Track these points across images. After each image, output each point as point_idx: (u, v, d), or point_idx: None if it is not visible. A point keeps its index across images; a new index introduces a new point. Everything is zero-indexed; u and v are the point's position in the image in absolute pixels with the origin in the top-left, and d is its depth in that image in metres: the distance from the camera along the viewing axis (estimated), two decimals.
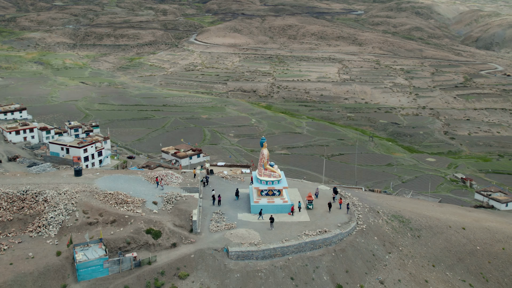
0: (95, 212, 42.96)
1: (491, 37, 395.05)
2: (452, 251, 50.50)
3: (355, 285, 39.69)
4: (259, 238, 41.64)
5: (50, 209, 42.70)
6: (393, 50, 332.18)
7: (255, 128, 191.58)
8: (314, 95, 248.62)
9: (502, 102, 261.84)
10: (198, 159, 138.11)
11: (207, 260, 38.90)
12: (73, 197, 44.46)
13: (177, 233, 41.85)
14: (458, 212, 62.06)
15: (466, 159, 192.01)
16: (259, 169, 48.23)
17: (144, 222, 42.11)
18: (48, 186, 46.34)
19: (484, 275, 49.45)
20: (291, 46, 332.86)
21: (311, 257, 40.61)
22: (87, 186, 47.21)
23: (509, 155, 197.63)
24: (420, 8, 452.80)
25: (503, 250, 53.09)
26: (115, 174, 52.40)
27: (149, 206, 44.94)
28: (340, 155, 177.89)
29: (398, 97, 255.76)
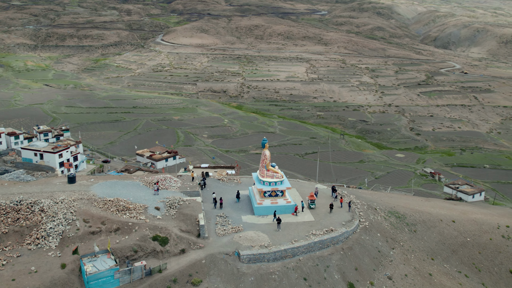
0: (96, 220, 41.14)
1: (447, 37, 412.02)
2: (446, 243, 52.17)
3: (365, 282, 40.12)
4: (269, 240, 41.22)
5: (48, 220, 40.52)
6: (358, 50, 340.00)
7: (228, 128, 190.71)
8: (283, 95, 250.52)
9: (461, 98, 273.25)
10: (174, 161, 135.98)
11: (219, 265, 38.08)
12: (71, 205, 42.40)
13: (185, 239, 40.73)
14: (445, 206, 64.24)
15: (432, 154, 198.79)
16: (261, 170, 47.75)
17: (149, 229, 40.73)
18: (42, 195, 43.98)
19: (476, 265, 51.42)
20: (259, 46, 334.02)
21: (320, 256, 40.66)
22: (83, 194, 45.17)
23: (470, 149, 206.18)
24: (381, 9, 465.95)
25: (490, 241, 55.43)
26: (110, 180, 50.40)
27: (152, 212, 43.51)
28: (313, 153, 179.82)
29: (365, 95, 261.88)
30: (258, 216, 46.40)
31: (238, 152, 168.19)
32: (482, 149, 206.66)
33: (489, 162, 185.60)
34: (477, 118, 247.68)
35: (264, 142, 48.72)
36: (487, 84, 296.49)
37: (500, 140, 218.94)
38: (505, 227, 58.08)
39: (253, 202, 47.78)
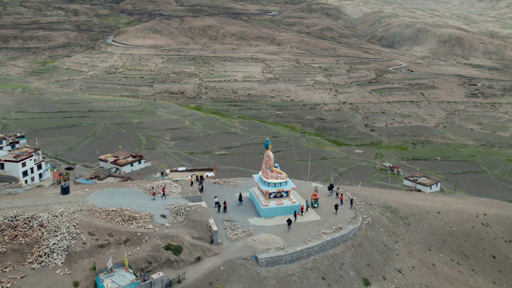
0: (103, 232, 38.78)
1: (392, 36, 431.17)
2: (436, 234, 54.55)
3: (378, 277, 40.94)
4: (283, 242, 40.83)
5: (50, 235, 37.63)
6: (310, 49, 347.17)
7: (190, 130, 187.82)
8: (241, 95, 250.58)
9: (409, 95, 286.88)
10: (139, 165, 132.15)
11: (239, 271, 37.22)
12: (72, 218, 39.67)
13: (198, 246, 39.39)
14: (427, 198, 67.19)
15: (387, 148, 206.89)
16: (265, 171, 47.19)
17: (160, 238, 39.01)
18: (37, 209, 40.81)
19: (464, 253, 54.22)
20: (213, 47, 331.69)
21: (334, 255, 40.96)
22: (82, 205, 42.44)
23: (421, 143, 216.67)
24: (329, 9, 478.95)
25: (472, 229, 58.70)
26: (105, 188, 47.72)
27: (159, 220, 41.69)
28: (277, 152, 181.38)
29: (320, 94, 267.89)
30: (265, 218, 45.80)
31: (203, 153, 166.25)
32: (431, 142, 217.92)
33: (439, 155, 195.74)
34: (425, 113, 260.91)
35: (267, 143, 48.09)
36: (431, 81, 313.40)
37: (446, 133, 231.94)
38: (483, 215, 61.74)
39: (258, 204, 47.14)
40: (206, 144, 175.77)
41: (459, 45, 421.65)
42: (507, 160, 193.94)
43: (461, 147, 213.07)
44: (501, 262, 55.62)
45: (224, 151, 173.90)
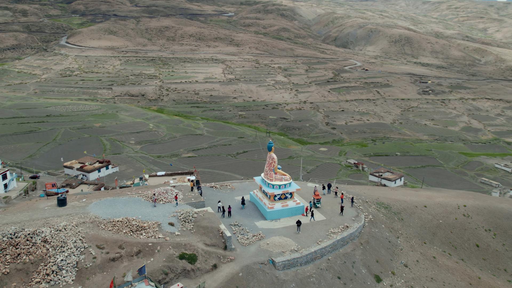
0: (112, 245, 36.95)
1: (346, 36, 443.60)
2: (426, 227, 56.77)
3: (387, 272, 41.93)
4: (296, 244, 40.70)
5: (56, 251, 35.28)
6: (268, 50, 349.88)
7: (155, 133, 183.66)
8: (204, 96, 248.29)
9: (366, 93, 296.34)
10: (107, 171, 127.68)
11: (258, 276, 36.71)
12: (77, 231, 37.51)
13: (213, 253, 38.45)
14: (411, 193, 69.72)
15: (348, 145, 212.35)
16: (269, 173, 46.86)
17: (173, 247, 37.73)
18: (36, 223, 38.21)
19: (452, 244, 56.82)
20: (172, 48, 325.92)
21: (345, 253, 41.45)
22: (83, 217, 40.21)
23: (380, 139, 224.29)
24: (284, 11, 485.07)
25: (456, 220, 61.64)
26: (104, 198, 45.47)
27: (168, 229, 40.30)
28: (244, 152, 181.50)
29: (281, 94, 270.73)
30: (271, 220, 45.52)
31: (170, 156, 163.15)
32: (389, 138, 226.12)
33: (399, 150, 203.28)
34: (382, 111, 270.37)
35: (271, 145, 47.85)
36: (385, 80, 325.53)
37: (402, 129, 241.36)
38: (463, 206, 64.99)
39: (263, 207, 46.72)
40: (173, 147, 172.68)
41: (409, 44, 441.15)
42: (459, 153, 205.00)
43: (417, 142, 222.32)
44: (484, 250, 58.85)
45: (191, 154, 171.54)
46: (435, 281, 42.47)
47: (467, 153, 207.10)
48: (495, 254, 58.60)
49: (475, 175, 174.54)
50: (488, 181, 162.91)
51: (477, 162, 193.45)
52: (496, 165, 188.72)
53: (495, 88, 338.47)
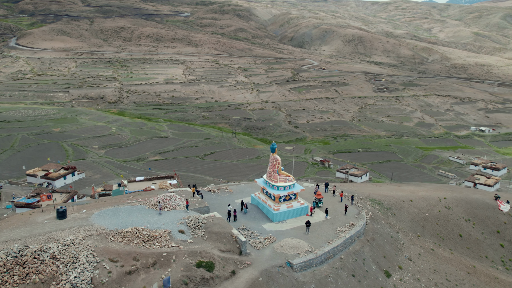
0: (126, 257, 35.36)
1: (302, 37, 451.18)
2: (415, 221, 59.09)
3: (394, 267, 43.17)
4: (308, 244, 40.70)
5: (68, 268, 33.22)
6: (227, 50, 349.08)
7: (119, 136, 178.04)
8: (165, 97, 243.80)
9: (325, 92, 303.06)
10: (73, 178, 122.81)
11: (277, 279, 36.46)
12: (86, 245, 35.64)
13: (229, 259, 37.74)
14: (396, 188, 72.17)
15: (311, 143, 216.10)
16: (273, 175, 46.69)
17: (188, 256, 36.69)
18: (38, 239, 35.86)
19: (440, 235, 59.54)
20: (129, 49, 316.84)
21: (355, 251, 42.16)
22: (89, 229, 38.20)
23: (341, 136, 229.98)
24: (241, 11, 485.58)
25: (439, 212, 64.65)
26: (105, 208, 43.40)
27: (179, 236, 39.12)
28: (212, 153, 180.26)
29: (243, 94, 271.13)
30: (278, 222, 45.42)
31: (137, 160, 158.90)
32: (349, 135, 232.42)
33: (360, 146, 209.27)
34: (340, 109, 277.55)
35: (274, 147, 47.90)
36: (342, 78, 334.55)
37: (361, 126, 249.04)
38: (444, 199, 68.24)
39: (268, 209, 46.43)
40: (139, 151, 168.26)
41: (362, 44, 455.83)
42: (416, 147, 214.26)
43: (376, 138, 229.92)
44: (466, 239, 62.11)
45: (158, 157, 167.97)
46: (438, 273, 44.35)
47: (422, 147, 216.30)
48: (476, 242, 62.06)
49: (433, 168, 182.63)
50: (445, 173, 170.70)
51: (433, 155, 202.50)
52: (450, 157, 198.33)
53: (443, 84, 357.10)
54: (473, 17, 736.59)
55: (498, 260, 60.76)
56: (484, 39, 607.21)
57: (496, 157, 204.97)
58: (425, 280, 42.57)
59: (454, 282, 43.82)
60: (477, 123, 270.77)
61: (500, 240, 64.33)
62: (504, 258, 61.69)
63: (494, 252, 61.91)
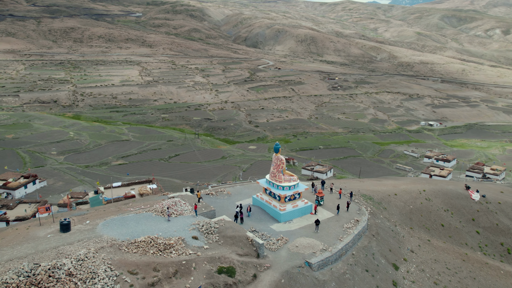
0: (145, 268, 33.94)
1: (255, 37, 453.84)
2: (403, 214, 61.49)
3: (400, 260, 44.61)
4: (321, 243, 40.74)
5: (87, 284, 31.16)
6: (183, 51, 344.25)
7: (78, 141, 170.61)
8: (122, 100, 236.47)
9: (282, 91, 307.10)
10: (34, 186, 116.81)
11: (299, 280, 36.47)
12: (101, 258, 33.97)
13: (249, 263, 37.20)
14: (378, 183, 74.56)
15: (272, 142, 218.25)
16: (277, 175, 46.62)
17: (208, 262, 35.85)
18: (47, 255, 33.51)
19: (425, 226, 62.36)
20: (81, 50, 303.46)
21: (364, 246, 43.08)
22: (98, 241, 36.22)
23: (301, 134, 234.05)
24: (193, 11, 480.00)
25: (422, 204, 67.70)
26: (109, 217, 41.26)
27: (193, 243, 38.09)
28: (176, 156, 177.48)
29: (202, 95, 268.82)
30: (285, 222, 45.41)
31: (99, 165, 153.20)
32: (309, 133, 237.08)
33: (321, 143, 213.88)
34: (298, 107, 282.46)
35: (278, 147, 47.93)
36: (298, 77, 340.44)
37: (319, 123, 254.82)
38: (423, 191, 71.54)
39: (274, 210, 46.22)
40: (100, 155, 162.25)
41: (314, 44, 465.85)
42: (373, 143, 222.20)
43: (334, 135, 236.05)
44: (448, 228, 65.51)
45: (121, 161, 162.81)
46: (438, 262, 46.51)
47: (378, 143, 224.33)
48: (456, 231, 65.63)
49: (391, 162, 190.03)
50: (402, 167, 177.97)
51: (390, 150, 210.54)
52: (405, 151, 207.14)
53: (393, 82, 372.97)
54: (415, 17, 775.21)
55: (476, 246, 64.62)
56: (426, 38, 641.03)
57: (445, 149, 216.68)
58: (429, 270, 44.52)
59: (454, 270, 46.21)
60: (425, 118, 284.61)
61: (476, 227, 68.43)
62: (481, 244, 65.70)
63: (472, 239, 65.75)
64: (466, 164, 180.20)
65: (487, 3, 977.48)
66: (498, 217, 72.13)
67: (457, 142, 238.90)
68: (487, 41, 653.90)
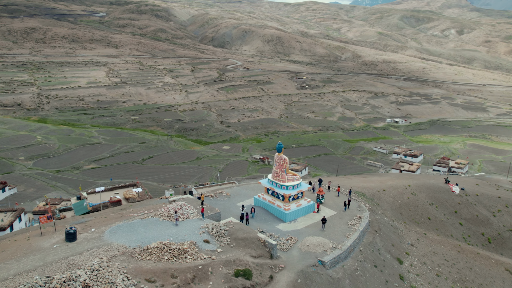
0: (162, 275, 33.09)
1: (222, 37, 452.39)
2: (393, 209, 63.19)
3: (403, 254, 45.79)
4: (330, 241, 40.94)
5: None
6: (150, 51, 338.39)
7: (46, 146, 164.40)
8: (90, 102, 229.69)
9: (252, 91, 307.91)
10: (4, 194, 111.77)
11: (314, 279, 36.67)
12: (115, 267, 32.91)
13: (264, 264, 36.99)
14: (364, 180, 76.20)
15: (245, 142, 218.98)
16: (281, 175, 46.62)
17: (224, 266, 35.42)
18: (59, 267, 31.92)
19: (415, 220, 64.35)
20: (44, 51, 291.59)
21: (369, 243, 43.87)
22: (109, 249, 34.92)
23: (272, 133, 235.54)
24: (159, 11, 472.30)
25: (408, 199, 69.82)
26: (114, 224, 39.90)
27: (206, 247, 37.49)
28: (150, 158, 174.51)
29: (172, 95, 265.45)
30: (290, 222, 45.55)
31: (71, 170, 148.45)
32: (280, 132, 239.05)
33: (293, 142, 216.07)
34: (268, 107, 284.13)
35: (281, 146, 48.08)
36: (266, 77, 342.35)
37: (289, 122, 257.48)
38: (408, 186, 73.85)
39: (278, 210, 46.20)
40: (71, 160, 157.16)
41: (280, 44, 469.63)
42: (343, 140, 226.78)
43: (305, 134, 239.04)
44: (434, 221, 67.93)
45: (94, 165, 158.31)
46: (437, 255, 48.20)
47: (348, 140, 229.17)
48: (442, 223, 68.18)
49: (361, 159, 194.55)
50: (373, 163, 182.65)
51: (359, 147, 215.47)
52: (374, 148, 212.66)
53: (358, 80, 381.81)
54: (376, 18, 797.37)
55: (461, 237, 67.40)
56: (387, 38, 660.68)
57: (411, 145, 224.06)
58: (430, 262, 46.08)
59: (452, 262, 48.07)
60: (391, 115, 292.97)
61: (458, 219, 71.35)
62: (465, 235, 68.57)
63: (456, 230, 68.51)
64: (432, 159, 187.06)
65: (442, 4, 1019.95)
66: (477, 209, 75.41)
67: (421, 138, 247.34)
68: (444, 41, 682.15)
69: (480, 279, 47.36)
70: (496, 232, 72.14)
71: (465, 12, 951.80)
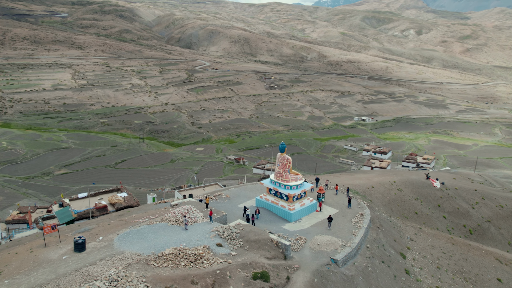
0: (182, 282, 32.42)
1: (189, 38, 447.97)
2: (384, 205, 64.84)
3: (405, 248, 46.95)
4: (339, 239, 41.19)
5: None
6: (116, 52, 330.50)
7: (13, 151, 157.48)
8: (56, 105, 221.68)
9: (221, 91, 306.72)
10: None
11: (330, 277, 36.99)
12: (133, 277, 32.00)
13: (279, 265, 36.94)
14: (352, 177, 77.69)
15: (218, 143, 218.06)
16: (284, 175, 46.70)
17: (241, 269, 35.12)
18: (74, 280, 30.58)
19: (404, 215, 66.29)
20: (4, 53, 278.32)
21: (374, 239, 44.67)
22: (123, 258, 33.82)
23: (244, 134, 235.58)
24: (123, 12, 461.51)
25: (395, 195, 71.84)
26: (122, 231, 38.49)
27: (220, 250, 37.02)
28: (123, 161, 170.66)
29: (141, 97, 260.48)
30: (295, 222, 45.76)
31: (41, 176, 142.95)
32: (251, 132, 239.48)
33: (266, 142, 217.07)
34: (238, 107, 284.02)
35: (284, 146, 48.19)
36: (235, 78, 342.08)
37: (260, 122, 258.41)
38: (394, 182, 76.04)
39: (282, 210, 46.22)
40: (41, 165, 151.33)
41: (247, 44, 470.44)
42: (314, 139, 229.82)
43: (276, 133, 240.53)
44: (421, 215, 70.26)
45: (65, 170, 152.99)
46: (435, 248, 49.88)
47: (318, 139, 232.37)
48: (428, 217, 70.68)
49: (333, 157, 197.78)
50: (344, 161, 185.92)
51: (330, 145, 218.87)
52: (344, 146, 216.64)
53: (325, 80, 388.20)
54: (338, 18, 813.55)
55: (445, 230, 70.09)
56: (350, 38, 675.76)
57: (379, 142, 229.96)
58: (430, 256, 47.65)
59: (449, 254, 49.91)
60: (358, 113, 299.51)
61: (442, 212, 74.16)
62: (449, 227, 71.38)
63: (440, 223, 71.20)
64: (401, 155, 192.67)
65: (400, 5, 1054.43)
66: (458, 202, 78.56)
67: (388, 135, 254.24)
68: (404, 41, 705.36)
69: (476, 269, 49.47)
70: (476, 224, 75.35)
71: (422, 13, 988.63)
